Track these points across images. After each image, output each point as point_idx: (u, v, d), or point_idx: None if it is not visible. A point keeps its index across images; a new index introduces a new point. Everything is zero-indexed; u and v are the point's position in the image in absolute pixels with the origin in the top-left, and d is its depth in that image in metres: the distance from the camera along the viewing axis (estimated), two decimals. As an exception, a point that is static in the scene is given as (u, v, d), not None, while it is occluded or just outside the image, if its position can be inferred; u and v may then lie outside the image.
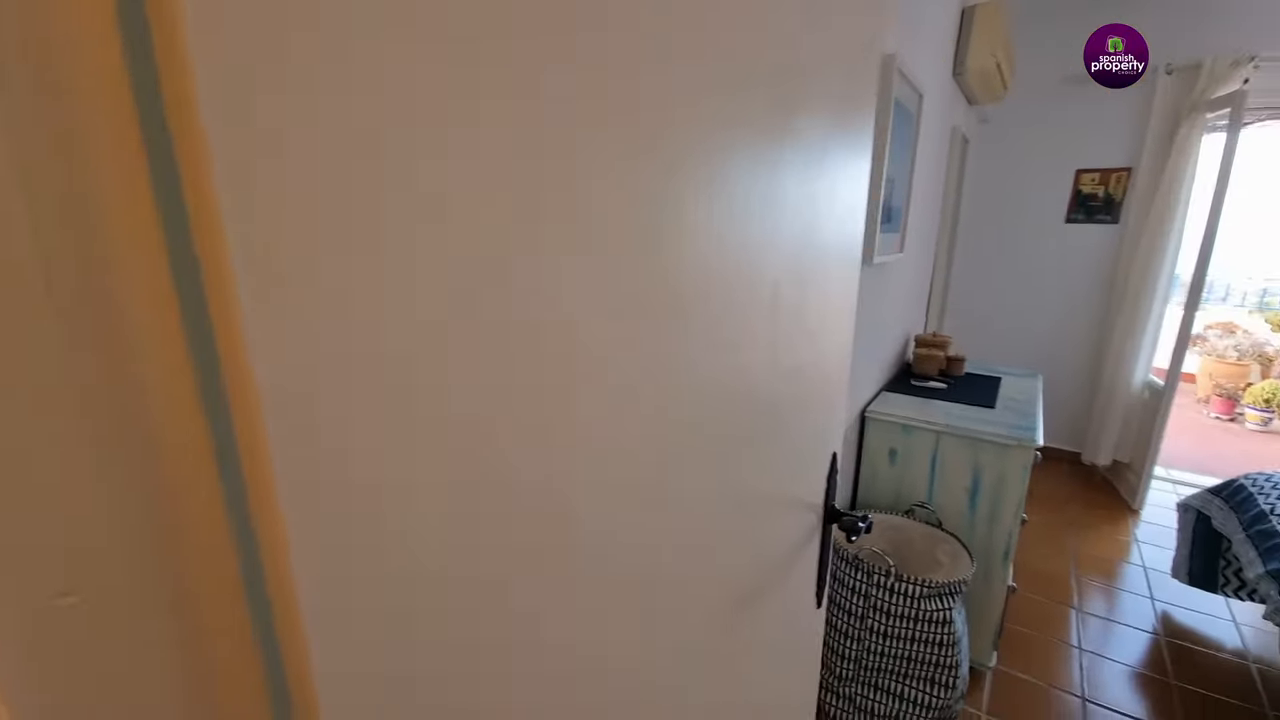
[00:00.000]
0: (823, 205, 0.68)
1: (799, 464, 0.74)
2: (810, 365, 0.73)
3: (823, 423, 0.80)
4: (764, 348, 0.58)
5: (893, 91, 1.43)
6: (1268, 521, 1.63)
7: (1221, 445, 3.87)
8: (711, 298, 0.46)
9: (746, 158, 0.48)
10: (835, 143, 0.68)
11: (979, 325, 3.42)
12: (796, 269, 0.63)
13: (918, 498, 1.77)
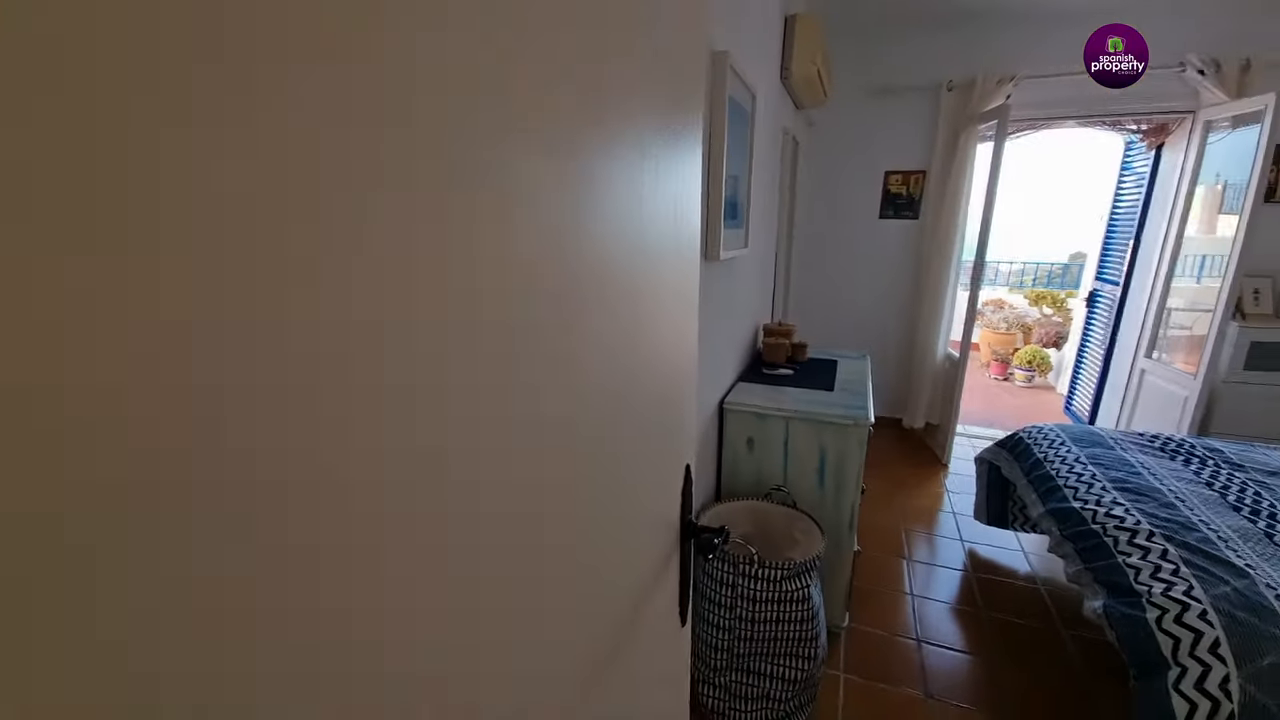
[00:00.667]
0: (661, 204, 0.62)
1: (652, 481, 0.69)
2: (657, 375, 0.68)
3: (673, 434, 0.76)
4: (604, 359, 0.51)
5: (727, 88, 1.45)
6: (1043, 468, 1.96)
7: (1001, 402, 4.68)
8: (540, 306, 0.38)
9: (565, 155, 0.40)
10: (667, 137, 0.63)
11: (816, 312, 3.75)
12: (632, 271, 0.57)
13: (775, 481, 1.85)
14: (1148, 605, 1.30)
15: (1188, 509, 1.59)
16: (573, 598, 0.50)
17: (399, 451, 0.29)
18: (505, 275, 0.36)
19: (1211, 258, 2.93)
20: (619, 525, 0.59)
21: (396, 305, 0.28)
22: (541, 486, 0.43)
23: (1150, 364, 3.17)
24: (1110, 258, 3.77)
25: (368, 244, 0.26)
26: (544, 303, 0.41)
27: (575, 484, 0.48)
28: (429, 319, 0.30)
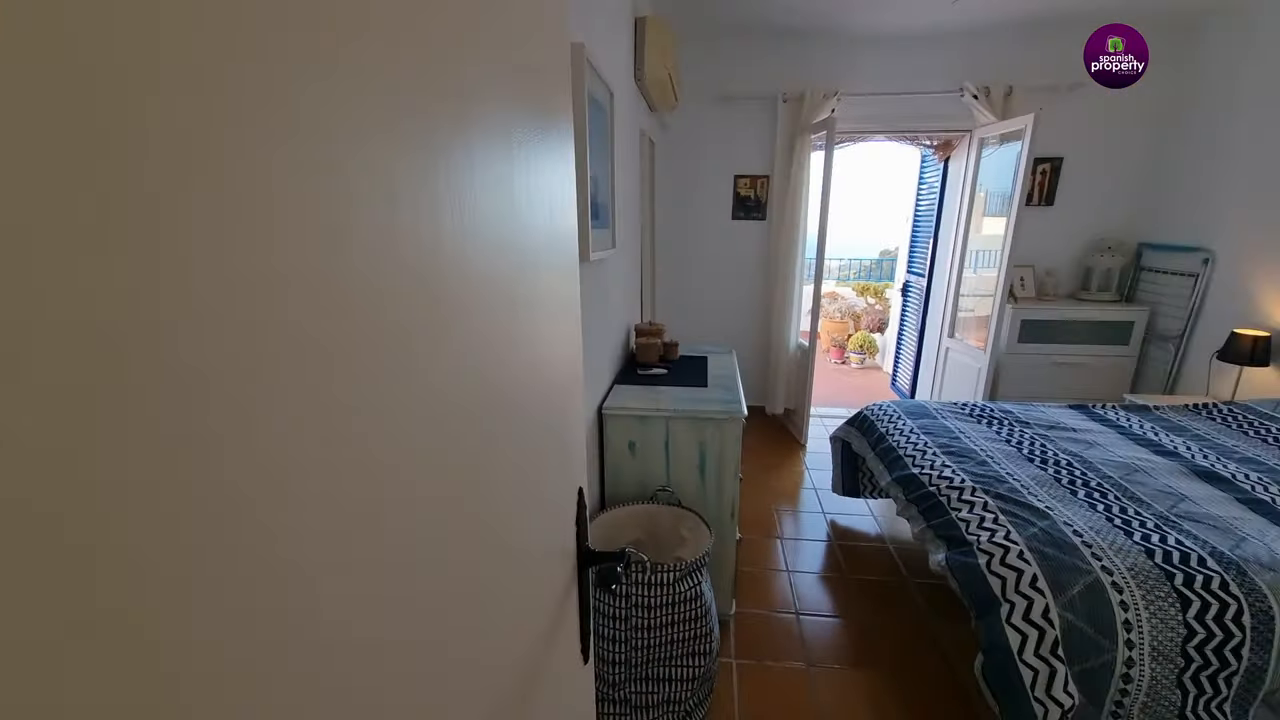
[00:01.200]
0: (536, 202, 0.54)
1: (541, 512, 0.60)
2: (540, 391, 0.59)
3: (563, 456, 0.68)
4: (474, 375, 0.42)
5: (585, 83, 1.39)
6: (886, 441, 2.20)
7: (842, 383, 5.25)
8: (380, 316, 0.29)
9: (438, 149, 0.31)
10: (536, 128, 0.55)
11: (682, 311, 3.87)
12: (505, 275, 0.48)
13: (659, 482, 1.85)
14: (978, 552, 1.50)
15: (996, 464, 1.88)
16: (454, 660, 0.41)
17: (189, 498, 0.19)
18: (326, 280, 0.27)
19: (985, 252, 3.54)
20: (505, 568, 0.50)
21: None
22: (395, 536, 0.33)
23: (951, 343, 3.75)
24: (916, 253, 4.40)
25: (164, 265, 0.16)
26: (386, 311, 0.31)
27: (442, 525, 0.39)
28: (226, 340, 0.20)
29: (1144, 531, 1.48)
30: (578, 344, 0.74)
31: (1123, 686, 1.28)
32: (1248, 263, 2.75)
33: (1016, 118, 3.05)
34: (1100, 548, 1.40)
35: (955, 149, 3.65)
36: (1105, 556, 1.38)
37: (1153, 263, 3.30)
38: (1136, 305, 3.29)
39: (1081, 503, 1.63)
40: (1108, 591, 1.32)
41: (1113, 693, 1.29)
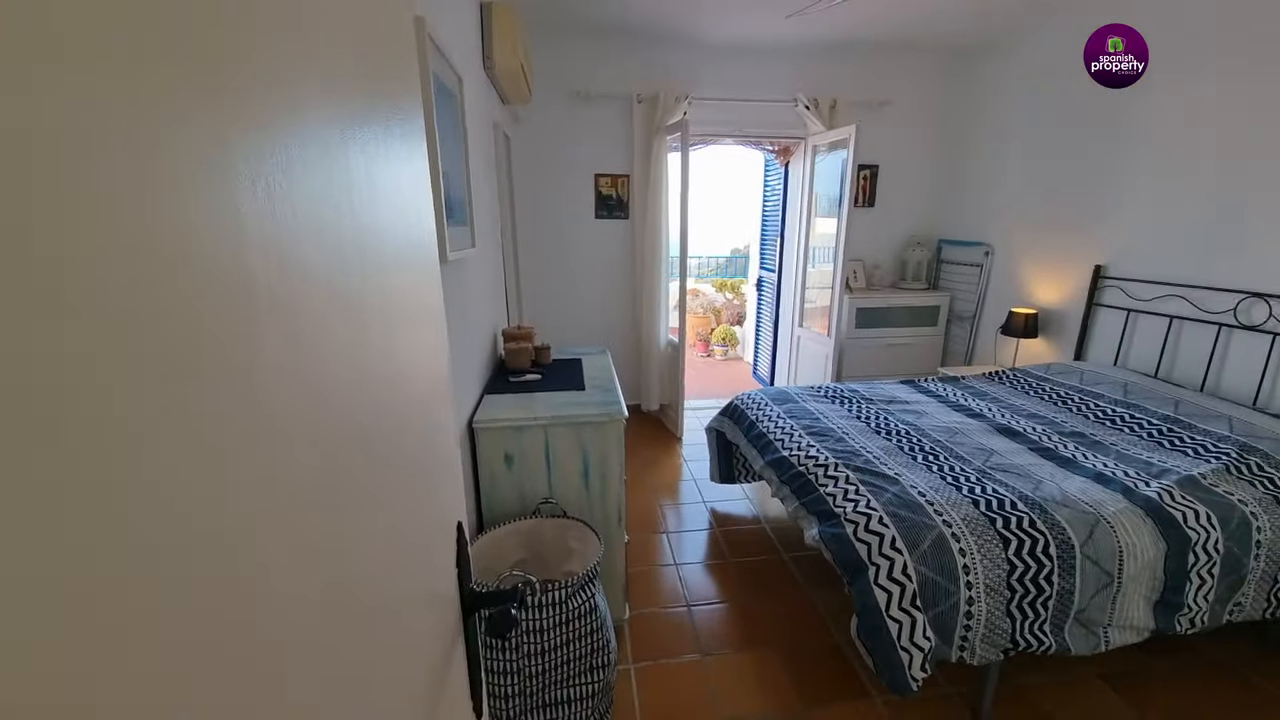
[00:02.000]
0: (381, 194, 0.44)
1: (409, 558, 0.50)
2: (401, 413, 0.49)
3: (433, 487, 0.57)
4: (310, 398, 0.31)
5: (430, 63, 1.25)
6: (757, 428, 2.31)
7: (709, 375, 5.51)
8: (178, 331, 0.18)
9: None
10: (376, 108, 0.45)
11: (551, 312, 3.76)
12: (346, 278, 0.37)
13: (540, 494, 1.74)
14: (846, 522, 1.62)
15: (851, 440, 2.06)
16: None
17: None
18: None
19: (823, 249, 3.92)
20: (362, 633, 0.39)
21: None
22: (199, 616, 0.22)
23: (802, 331, 4.10)
24: (766, 250, 4.76)
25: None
26: (186, 325, 0.21)
27: (267, 589, 0.28)
28: None
29: (969, 485, 1.71)
30: (443, 355, 0.63)
31: (966, 623, 1.46)
32: (1017, 254, 3.36)
33: (841, 128, 3.41)
34: (940, 504, 1.59)
35: (794, 154, 3.99)
36: (945, 511, 1.56)
37: (949, 256, 3.90)
38: (940, 292, 3.86)
39: (921, 466, 1.85)
40: (949, 542, 1.49)
41: (959, 630, 1.46)
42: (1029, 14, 3.01)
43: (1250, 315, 2.20)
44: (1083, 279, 2.91)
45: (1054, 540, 1.49)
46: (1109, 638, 1.53)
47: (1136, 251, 2.66)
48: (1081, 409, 2.28)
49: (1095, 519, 1.54)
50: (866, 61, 3.64)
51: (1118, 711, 1.64)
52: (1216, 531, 1.56)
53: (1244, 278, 2.23)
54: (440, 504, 0.59)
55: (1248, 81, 2.20)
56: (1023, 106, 3.28)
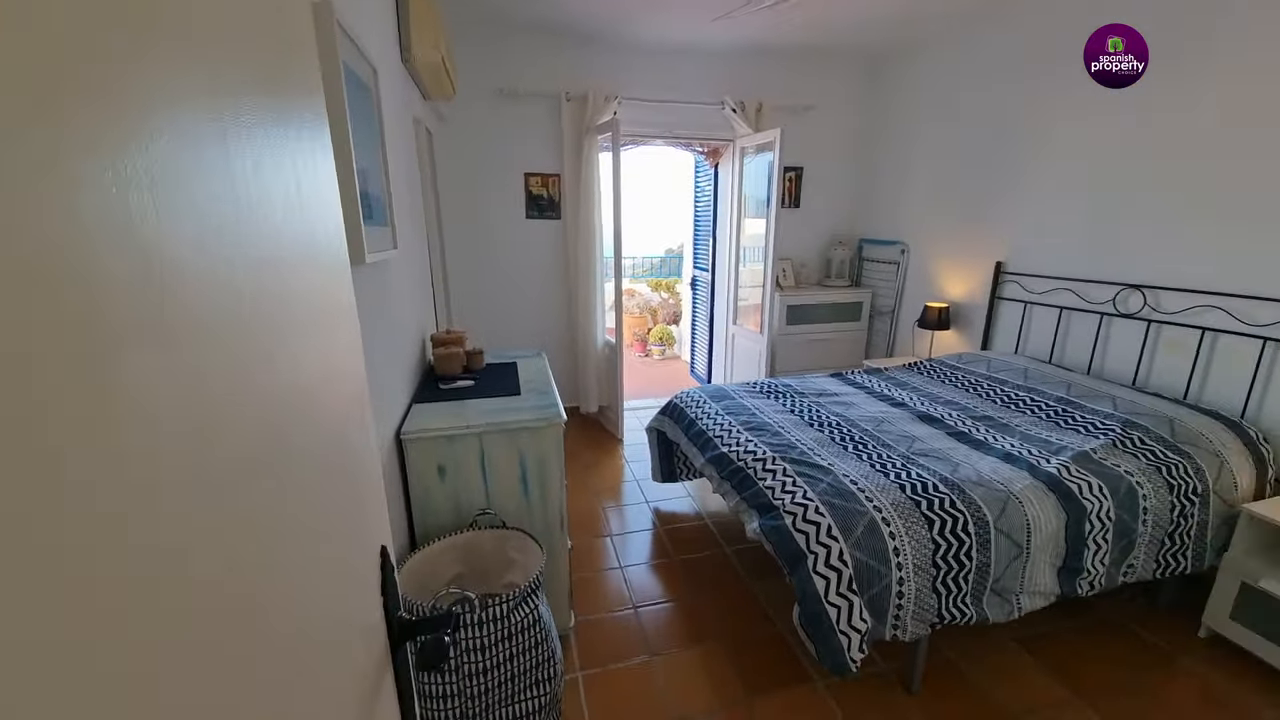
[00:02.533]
0: (276, 192, 0.39)
1: (330, 583, 0.45)
2: (316, 425, 0.44)
3: (350, 509, 0.52)
4: (242, 415, 0.27)
5: (339, 52, 1.16)
6: (696, 426, 2.33)
7: (648, 375, 5.54)
8: None
9: None
10: (267, 97, 0.40)
11: (483, 316, 3.65)
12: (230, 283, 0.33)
13: (477, 505, 1.67)
14: (784, 513, 1.66)
15: (787, 434, 2.12)
16: None
17: None
18: None
19: (753, 248, 4.03)
20: (269, 681, 0.34)
21: None
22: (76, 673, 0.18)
23: (736, 329, 4.19)
24: (700, 250, 4.83)
25: None
26: None
27: (150, 643, 0.24)
28: None
29: (895, 470, 1.80)
30: (359, 364, 0.58)
31: (898, 603, 1.53)
32: (929, 252, 3.59)
33: (767, 131, 3.52)
34: (871, 491, 1.66)
35: (723, 156, 4.07)
36: (875, 497, 1.64)
37: (870, 254, 4.12)
38: (862, 288, 4.07)
39: (852, 455, 1.92)
40: (880, 526, 1.56)
41: (892, 609, 1.53)
42: (933, 25, 3.22)
43: (1127, 304, 2.46)
44: (986, 274, 3.14)
45: (971, 518, 1.59)
46: (1021, 604, 1.66)
47: (1031, 248, 2.91)
48: (990, 394, 2.46)
49: (1006, 496, 1.67)
50: (790, 66, 3.78)
51: (1030, 670, 1.78)
52: (1108, 501, 1.73)
53: (1121, 271, 2.49)
54: (361, 527, 0.54)
55: (1119, 92, 2.45)
56: (929, 113, 3.51)
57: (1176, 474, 1.82)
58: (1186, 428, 1.96)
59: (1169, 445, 1.90)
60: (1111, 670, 1.78)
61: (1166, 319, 2.31)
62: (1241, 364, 2.09)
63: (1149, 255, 2.38)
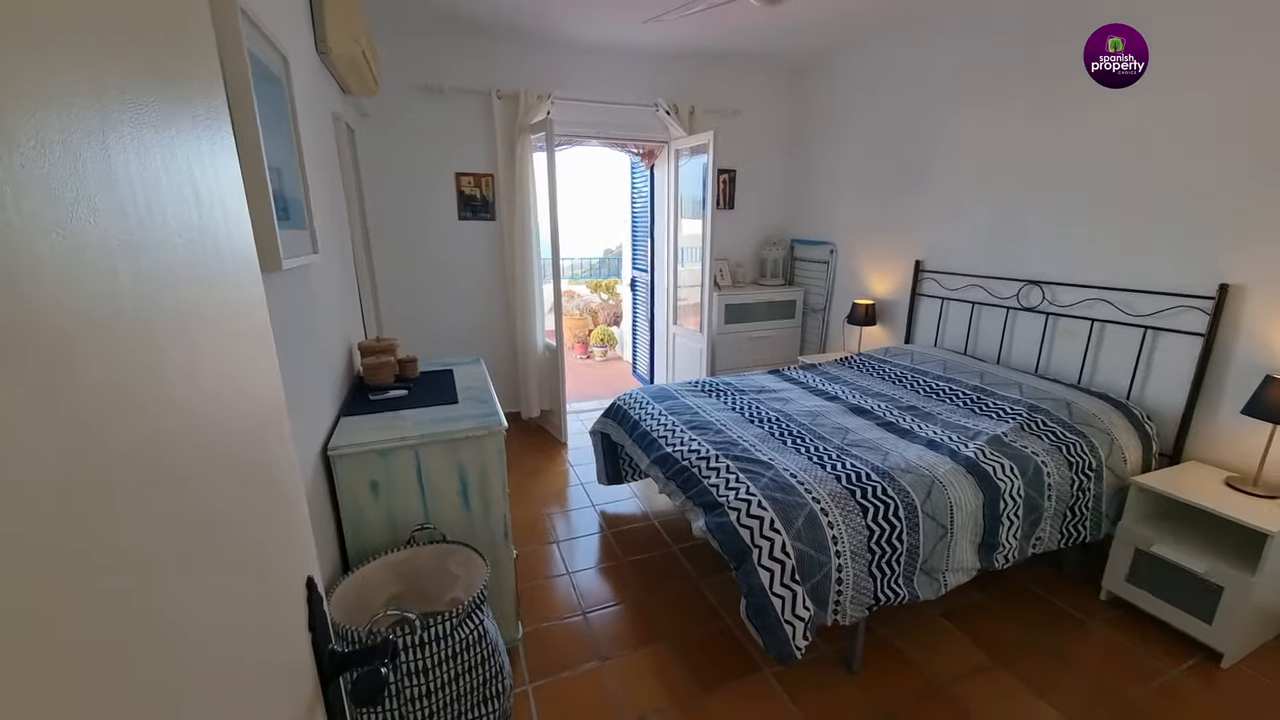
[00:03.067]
0: (165, 192, 0.35)
1: (249, 620, 0.41)
2: (224, 447, 0.40)
3: (276, 534, 0.48)
4: (132, 442, 0.23)
5: (244, 40, 1.08)
6: (641, 427, 2.34)
7: (590, 376, 5.50)
8: None
9: None
10: (161, 93, 0.35)
11: (416, 322, 3.50)
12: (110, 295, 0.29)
13: (415, 520, 1.60)
14: (729, 510, 1.69)
15: (729, 431, 2.16)
16: None
17: None
18: None
19: (691, 249, 4.10)
20: None
21: None
22: None
23: (676, 329, 4.24)
24: (638, 251, 4.85)
25: None
26: None
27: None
28: None
29: (831, 462, 1.87)
30: (274, 377, 0.54)
31: (838, 589, 1.60)
32: (856, 251, 3.77)
33: (701, 134, 3.58)
34: (809, 483, 1.72)
35: (658, 157, 4.11)
36: (813, 489, 1.70)
37: (801, 254, 4.28)
38: (795, 287, 4.22)
39: (791, 449, 1.99)
40: (819, 517, 1.62)
41: (832, 596, 1.59)
42: (849, 34, 3.38)
43: (1029, 299, 2.68)
44: (907, 273, 3.34)
45: (901, 503, 1.68)
46: (947, 581, 1.77)
47: (945, 248, 3.12)
48: (914, 385, 2.61)
49: (931, 480, 1.77)
50: (720, 72, 3.86)
51: (955, 640, 1.91)
52: (1018, 480, 1.88)
53: (1023, 269, 2.71)
54: (285, 558, 0.50)
55: (1019, 106, 2.66)
56: (848, 119, 3.69)
57: (1074, 452, 2.00)
58: (1082, 410, 2.16)
59: (1067, 426, 2.09)
60: (1025, 634, 1.94)
61: (1062, 311, 2.54)
62: (1126, 351, 2.33)
63: (1046, 253, 2.61)
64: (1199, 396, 2.11)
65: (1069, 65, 2.40)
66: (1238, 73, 1.94)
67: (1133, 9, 2.16)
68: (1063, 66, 2.43)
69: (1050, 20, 2.48)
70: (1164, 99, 2.13)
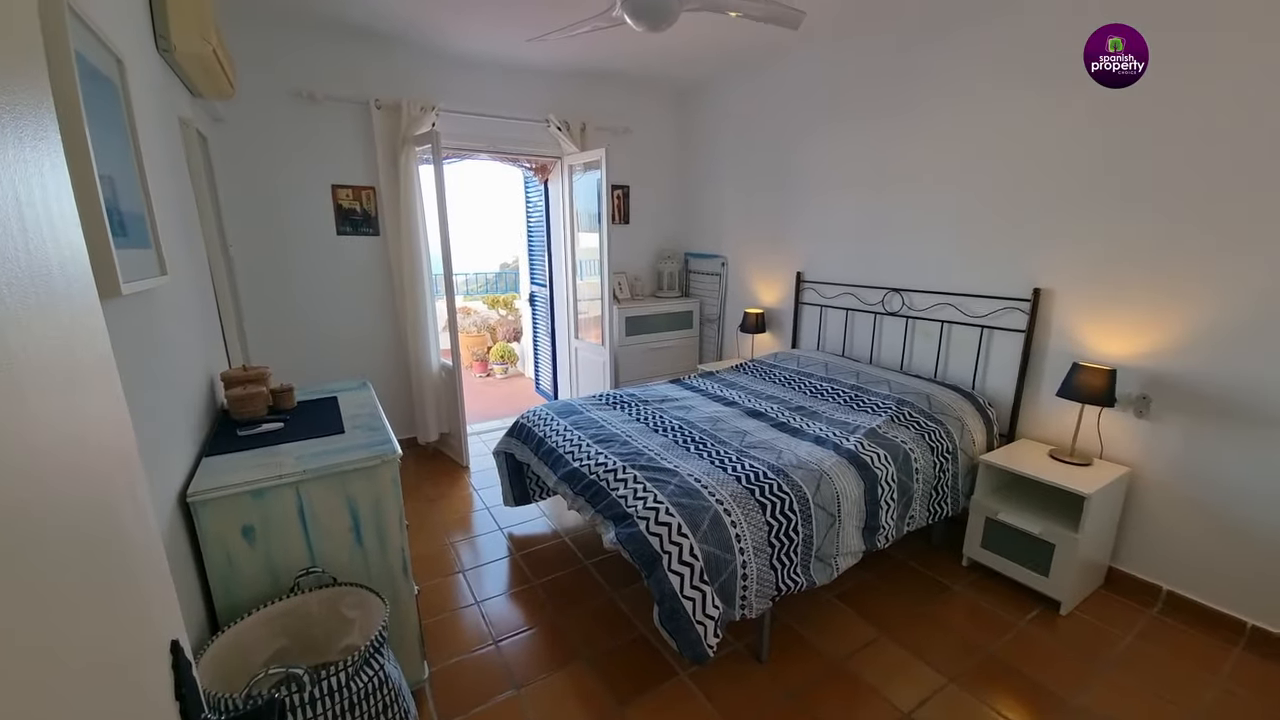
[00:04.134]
0: None
1: (103, 699, 0.36)
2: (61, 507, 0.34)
3: (132, 599, 0.42)
4: None
5: (68, 35, 0.94)
6: (546, 444, 2.31)
7: (491, 395, 5.33)
8: None
9: None
10: None
11: (292, 347, 3.19)
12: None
13: (300, 565, 1.46)
14: (638, 520, 1.72)
15: (634, 442, 2.20)
16: None
17: None
18: None
19: (590, 262, 4.13)
20: None
21: None
22: None
23: (578, 343, 4.24)
24: (535, 265, 4.80)
25: None
26: None
27: None
28: None
29: (732, 464, 1.97)
30: (121, 421, 0.47)
31: (743, 585, 1.68)
32: (744, 263, 4.02)
33: (593, 150, 3.64)
34: (713, 486, 1.80)
35: (551, 173, 4.11)
36: (717, 491, 1.77)
37: (695, 266, 4.47)
38: (691, 298, 4.40)
39: (694, 455, 2.06)
40: (723, 517, 1.70)
41: (738, 592, 1.67)
42: (725, 60, 3.62)
43: (891, 304, 3.01)
44: (790, 283, 3.61)
45: (795, 497, 1.81)
46: (839, 565, 1.93)
47: (821, 259, 3.41)
48: (801, 386, 2.82)
49: (820, 474, 1.92)
50: (611, 91, 3.96)
51: (848, 619, 2.08)
52: (891, 467, 2.09)
53: (885, 277, 3.04)
54: (142, 623, 0.44)
55: (873, 129, 3.00)
56: (730, 138, 3.94)
57: (934, 438, 2.27)
58: (939, 401, 2.45)
59: (928, 416, 2.36)
60: (905, 604, 2.16)
61: (918, 315, 2.88)
62: (969, 347, 2.69)
63: (903, 264, 2.95)
64: (1024, 383, 2.49)
65: (912, 98, 2.75)
66: (1044, 106, 2.33)
67: (976, 46, 2.53)
68: (906, 99, 2.78)
69: (893, 55, 2.83)
70: (980, 128, 2.51)
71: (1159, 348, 2.09)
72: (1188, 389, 2.03)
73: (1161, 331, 2.07)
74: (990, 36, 2.45)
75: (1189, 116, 1.93)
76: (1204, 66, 1.87)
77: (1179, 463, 2.09)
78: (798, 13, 2.03)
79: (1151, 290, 2.09)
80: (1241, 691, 1.75)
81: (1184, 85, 1.92)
